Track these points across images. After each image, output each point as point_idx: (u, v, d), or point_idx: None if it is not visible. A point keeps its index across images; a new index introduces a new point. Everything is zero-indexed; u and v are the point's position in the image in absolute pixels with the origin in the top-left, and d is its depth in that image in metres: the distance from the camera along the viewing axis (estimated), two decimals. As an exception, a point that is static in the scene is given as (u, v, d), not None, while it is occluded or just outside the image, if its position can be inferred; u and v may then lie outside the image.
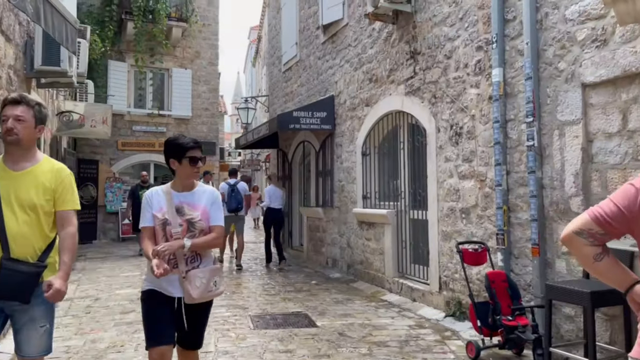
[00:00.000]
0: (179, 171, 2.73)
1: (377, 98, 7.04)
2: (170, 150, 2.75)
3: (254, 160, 26.82)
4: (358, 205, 7.57)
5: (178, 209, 2.68)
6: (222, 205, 2.84)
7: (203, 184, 2.88)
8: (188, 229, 2.65)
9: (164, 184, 2.87)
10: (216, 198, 2.80)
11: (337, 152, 8.37)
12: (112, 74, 13.54)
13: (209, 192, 2.80)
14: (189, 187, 2.76)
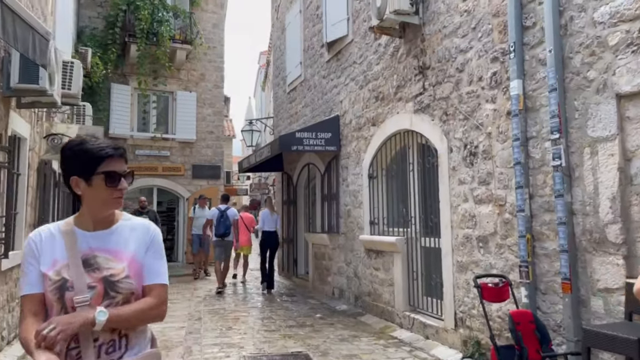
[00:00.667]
0: (88, 197, 1.65)
1: (384, 117, 6.58)
2: (73, 163, 1.65)
3: (261, 184, 26.42)
4: (365, 232, 7.05)
5: (87, 261, 1.62)
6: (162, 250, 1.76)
7: (133, 217, 1.80)
8: (105, 294, 1.59)
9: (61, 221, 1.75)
10: (154, 238, 1.73)
11: (343, 174, 7.89)
12: (115, 97, 13.28)
13: (142, 230, 1.73)
14: (105, 223, 1.69)
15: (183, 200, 14.34)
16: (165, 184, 14.08)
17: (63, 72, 7.29)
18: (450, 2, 5.21)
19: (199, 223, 11.05)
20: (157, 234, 1.77)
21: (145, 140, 13.80)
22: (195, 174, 14.32)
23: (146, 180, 13.85)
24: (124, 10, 12.79)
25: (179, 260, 14.47)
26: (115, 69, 13.28)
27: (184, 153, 14.27)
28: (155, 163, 13.94)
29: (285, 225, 10.79)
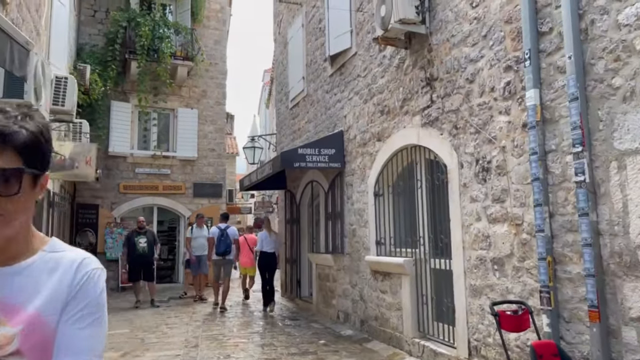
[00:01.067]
0: None
1: (389, 132, 6.29)
2: None
3: (265, 203, 26.10)
4: (371, 252, 6.70)
5: None
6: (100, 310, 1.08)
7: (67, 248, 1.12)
8: None
9: None
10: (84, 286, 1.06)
11: (348, 192, 7.57)
12: (115, 115, 13.09)
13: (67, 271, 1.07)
14: (4, 257, 1.03)
15: (184, 219, 14.04)
16: (165, 202, 13.80)
17: (56, 88, 7.09)
18: (458, 9, 4.94)
19: (198, 244, 10.60)
20: (93, 278, 1.08)
21: (146, 158, 13.57)
22: (196, 192, 14.05)
23: (146, 199, 13.60)
24: (124, 26, 12.67)
25: (180, 281, 14.10)
26: (116, 86, 13.12)
27: (184, 171, 14.01)
28: (156, 181, 13.69)
29: (289, 245, 10.45)
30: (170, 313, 9.24)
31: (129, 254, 9.74)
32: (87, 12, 13.18)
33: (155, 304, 9.99)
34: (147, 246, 9.75)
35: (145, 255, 9.76)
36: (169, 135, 14.16)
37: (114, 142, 13.04)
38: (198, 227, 10.81)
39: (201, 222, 10.91)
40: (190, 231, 10.84)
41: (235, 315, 9.16)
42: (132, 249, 9.67)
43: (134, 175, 13.46)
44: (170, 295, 11.73)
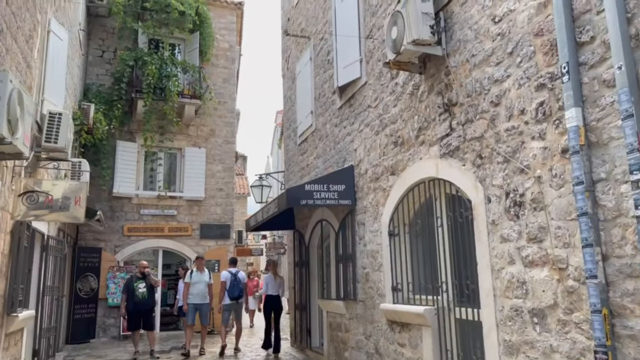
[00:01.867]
0: None
1: (404, 164, 5.71)
2: None
3: (276, 244, 25.42)
4: (387, 300, 6.00)
5: None
6: None
7: None
8: None
9: None
10: None
11: (359, 232, 6.94)
12: (121, 155, 12.75)
13: None
14: None
15: (190, 262, 13.41)
16: (171, 245, 13.25)
17: (49, 124, 6.70)
18: (479, 27, 4.44)
19: (197, 290, 9.48)
20: None
21: (151, 199, 13.12)
22: (203, 234, 13.49)
23: (151, 241, 13.07)
24: (131, 65, 12.49)
25: (185, 328, 13.33)
26: (122, 125, 12.86)
27: (191, 212, 13.51)
28: (162, 223, 13.18)
29: (297, 289, 9.74)
30: (169, 366, 8.51)
31: (127, 301, 9.11)
32: (95, 53, 13.08)
33: (155, 355, 9.28)
34: (146, 291, 9.11)
35: (144, 301, 9.11)
36: (175, 175, 13.75)
37: (119, 182, 12.65)
38: (198, 272, 9.69)
39: (201, 266, 9.78)
40: (190, 276, 9.70)
41: None
42: (130, 295, 9.05)
43: (139, 217, 12.98)
44: (173, 344, 11.00)
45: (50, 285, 8.52)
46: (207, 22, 13.64)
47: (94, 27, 13.06)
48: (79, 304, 11.53)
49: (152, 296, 9.28)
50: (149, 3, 12.73)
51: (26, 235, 6.14)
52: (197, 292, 9.51)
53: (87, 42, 12.79)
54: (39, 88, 6.81)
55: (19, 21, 5.48)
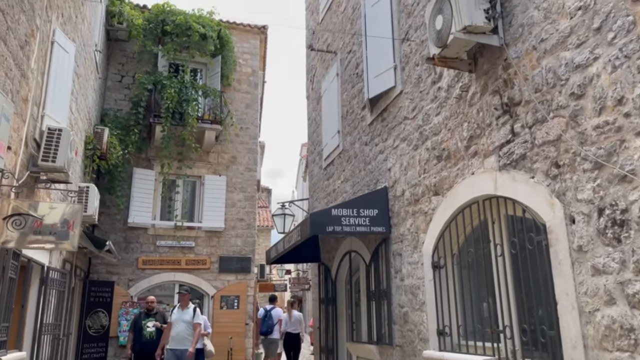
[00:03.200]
0: None
1: (450, 182, 4.78)
2: None
3: (300, 279, 24.33)
4: (431, 346, 4.97)
5: None
6: None
7: None
8: None
9: None
10: None
11: (395, 264, 5.96)
12: (137, 183, 12.11)
13: None
14: None
15: (208, 298, 12.51)
16: (187, 279, 12.38)
17: (47, 141, 6.04)
18: (549, 4, 3.57)
19: (177, 332, 7.76)
20: None
21: (168, 230, 12.36)
22: (222, 267, 12.61)
23: (167, 275, 12.24)
24: (149, 89, 11.98)
25: (201, 370, 12.31)
26: (139, 152, 12.27)
27: (210, 243, 12.69)
28: (179, 255, 12.38)
29: (323, 330, 8.70)
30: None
31: (134, 340, 8.23)
32: (114, 78, 12.66)
33: (164, 404, 8.29)
34: (155, 331, 8.21)
35: (152, 342, 8.21)
36: (194, 205, 13.02)
37: (135, 212, 11.96)
38: (180, 309, 8.05)
39: (185, 302, 8.08)
40: (170, 314, 8.21)
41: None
42: (138, 335, 8.17)
43: (154, 249, 12.22)
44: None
45: (51, 323, 7.71)
46: (229, 46, 13.16)
47: (113, 51, 12.69)
48: (88, 343, 10.68)
49: (161, 336, 8.37)
50: (169, 26, 12.32)
51: (12, 264, 5.36)
52: (175, 334, 7.81)
53: (106, 66, 12.40)
54: (39, 102, 6.18)
55: (10, 21, 4.86)
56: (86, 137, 9.87)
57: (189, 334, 7.80)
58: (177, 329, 7.81)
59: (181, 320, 7.88)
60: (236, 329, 12.25)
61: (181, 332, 7.81)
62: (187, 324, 7.87)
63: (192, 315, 7.96)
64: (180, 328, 7.81)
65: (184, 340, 7.75)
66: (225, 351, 11.94)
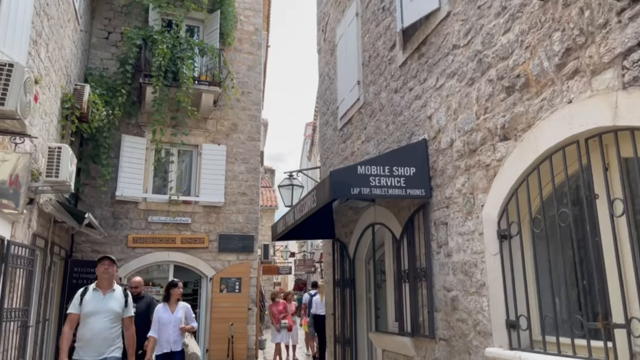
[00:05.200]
0: None
1: (529, 119, 3.46)
2: None
3: (306, 262, 23.15)
4: (495, 342, 3.70)
5: None
6: None
7: None
8: None
9: None
10: None
11: (439, 236, 4.67)
12: (126, 152, 10.81)
13: None
14: None
15: (206, 280, 11.30)
16: (183, 259, 11.15)
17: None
18: None
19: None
20: None
21: (161, 204, 11.10)
22: (222, 246, 11.37)
23: (161, 254, 11.00)
24: (138, 45, 10.61)
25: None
26: (129, 118, 10.97)
27: (208, 220, 11.43)
28: (173, 233, 11.13)
29: (339, 317, 7.44)
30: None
31: None
32: (99, 34, 11.28)
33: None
34: (137, 319, 6.84)
35: None
36: (190, 177, 11.73)
37: (124, 184, 10.68)
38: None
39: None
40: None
41: None
42: None
43: (146, 225, 10.97)
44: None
45: (17, 308, 6.49)
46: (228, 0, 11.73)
47: (98, 4, 11.29)
48: (70, 330, 9.47)
49: (145, 324, 6.91)
50: (161, -25, 10.91)
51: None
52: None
53: (90, 19, 11.02)
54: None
55: None
56: (63, 94, 8.56)
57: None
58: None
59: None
60: (238, 314, 11.05)
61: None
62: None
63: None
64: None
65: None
66: (226, 338, 10.76)
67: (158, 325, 6.39)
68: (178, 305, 6.60)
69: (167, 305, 6.60)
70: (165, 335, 6.36)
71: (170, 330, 6.37)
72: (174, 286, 6.72)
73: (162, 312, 6.50)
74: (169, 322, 6.40)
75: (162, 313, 6.48)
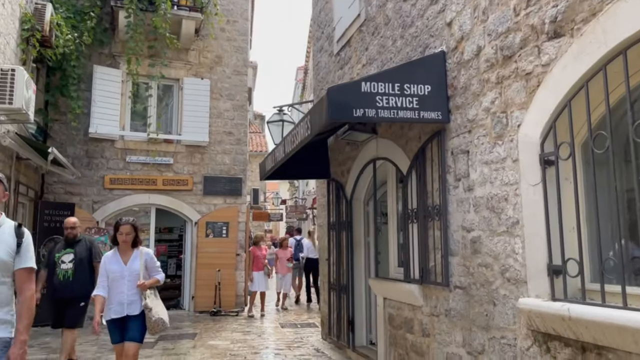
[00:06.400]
0: None
1: (594, 4, 2.62)
2: None
3: (298, 208, 22.58)
4: (531, 291, 3.02)
5: None
6: None
7: None
8: None
9: None
10: None
11: (457, 167, 3.91)
12: (99, 85, 9.82)
13: None
14: None
15: (191, 224, 10.62)
16: (166, 202, 10.41)
17: None
18: None
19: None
20: None
21: (140, 143, 10.24)
22: (207, 189, 10.62)
23: (141, 197, 10.24)
24: (109, -39, 9.40)
25: (185, 307, 10.66)
26: (101, 46, 9.91)
27: (192, 161, 10.62)
28: (154, 174, 10.33)
29: (334, 262, 6.79)
30: None
31: (48, 276, 5.73)
32: (66, -51, 9.99)
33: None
34: (72, 269, 5.61)
35: (68, 285, 5.55)
36: (172, 114, 10.81)
37: (97, 120, 9.76)
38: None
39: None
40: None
41: None
42: (50, 274, 5.69)
43: (124, 166, 10.14)
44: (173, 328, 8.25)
45: None
46: None
47: None
48: (44, 276, 8.80)
49: (83, 276, 5.63)
50: None
51: None
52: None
53: None
54: None
55: None
56: (22, 14, 7.50)
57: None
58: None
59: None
60: (225, 260, 10.45)
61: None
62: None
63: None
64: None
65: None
66: (213, 285, 10.20)
67: (106, 280, 4.41)
68: (134, 253, 4.50)
69: (118, 252, 4.51)
70: (117, 295, 4.37)
71: (124, 287, 4.37)
72: (125, 224, 4.49)
73: (111, 261, 4.47)
74: (121, 276, 4.39)
75: (110, 263, 4.46)
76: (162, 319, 4.41)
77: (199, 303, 10.31)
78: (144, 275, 4.46)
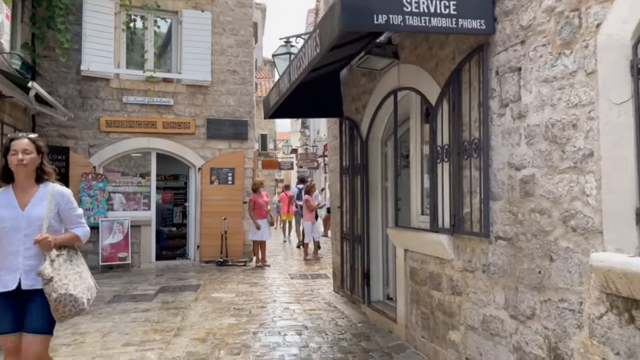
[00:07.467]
0: None
1: None
2: None
3: (309, 155, 21.87)
4: (608, 243, 2.30)
5: None
6: None
7: None
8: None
9: None
10: None
11: (504, 90, 3.13)
12: (90, 17, 8.95)
13: None
14: None
15: (194, 171, 9.99)
16: (167, 146, 9.74)
17: None
18: None
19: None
20: None
21: (137, 83, 9.48)
22: (210, 132, 9.92)
23: (140, 140, 9.59)
24: None
25: (191, 256, 10.19)
26: (89, -27, 8.93)
27: (194, 102, 9.86)
28: (153, 116, 9.62)
29: (347, 210, 6.11)
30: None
31: None
32: None
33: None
34: None
35: None
36: (170, 50, 9.96)
37: (90, 57, 8.96)
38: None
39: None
40: None
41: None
42: None
43: (120, 107, 9.41)
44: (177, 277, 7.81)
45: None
46: None
47: None
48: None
49: None
50: None
51: None
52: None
53: None
54: None
55: None
56: None
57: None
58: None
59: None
60: (231, 208, 9.87)
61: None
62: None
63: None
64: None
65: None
66: (219, 234, 9.67)
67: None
68: (38, 191, 2.84)
69: (11, 190, 2.84)
70: (8, 257, 2.78)
71: (20, 245, 2.76)
72: (16, 140, 2.80)
73: (2, 203, 2.81)
74: (13, 228, 2.76)
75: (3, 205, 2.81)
76: (70, 294, 2.72)
77: (204, 253, 9.83)
78: (52, 226, 2.82)
